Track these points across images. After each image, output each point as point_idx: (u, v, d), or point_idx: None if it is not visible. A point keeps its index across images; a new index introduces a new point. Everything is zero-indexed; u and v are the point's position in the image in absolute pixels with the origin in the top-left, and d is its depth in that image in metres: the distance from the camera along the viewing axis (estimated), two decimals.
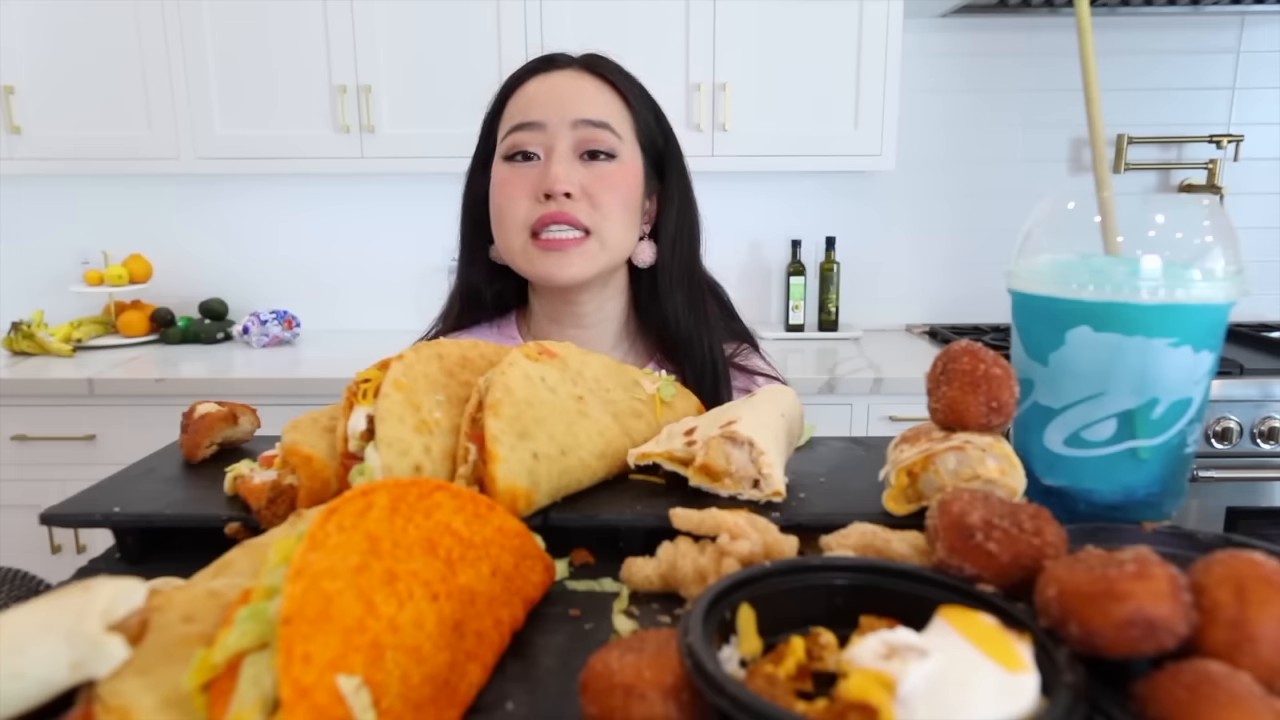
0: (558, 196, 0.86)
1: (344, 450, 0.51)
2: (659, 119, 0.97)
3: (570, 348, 0.60)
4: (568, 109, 0.88)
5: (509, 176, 0.89)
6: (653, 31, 2.06)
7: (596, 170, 0.89)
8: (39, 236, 2.47)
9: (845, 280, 2.42)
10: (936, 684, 0.28)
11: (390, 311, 2.48)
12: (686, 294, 0.96)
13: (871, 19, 2.06)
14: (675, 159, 0.97)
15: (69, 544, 1.99)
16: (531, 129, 0.88)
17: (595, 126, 0.88)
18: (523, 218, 0.88)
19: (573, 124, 0.88)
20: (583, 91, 0.90)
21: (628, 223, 0.91)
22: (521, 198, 0.88)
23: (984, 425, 0.46)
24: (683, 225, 0.97)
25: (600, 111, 0.89)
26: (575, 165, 0.88)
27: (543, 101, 0.89)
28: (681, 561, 0.44)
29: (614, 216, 0.89)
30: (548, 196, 0.86)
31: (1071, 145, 2.42)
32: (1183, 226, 0.49)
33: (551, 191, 0.86)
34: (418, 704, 0.32)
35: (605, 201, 0.88)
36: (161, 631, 0.34)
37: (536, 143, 0.88)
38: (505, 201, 0.89)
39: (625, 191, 0.90)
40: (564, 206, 0.86)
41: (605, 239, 0.89)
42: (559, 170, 0.86)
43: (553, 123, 0.88)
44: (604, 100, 0.91)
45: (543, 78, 0.91)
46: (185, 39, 2.09)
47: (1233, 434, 1.79)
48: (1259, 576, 0.31)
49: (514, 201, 0.88)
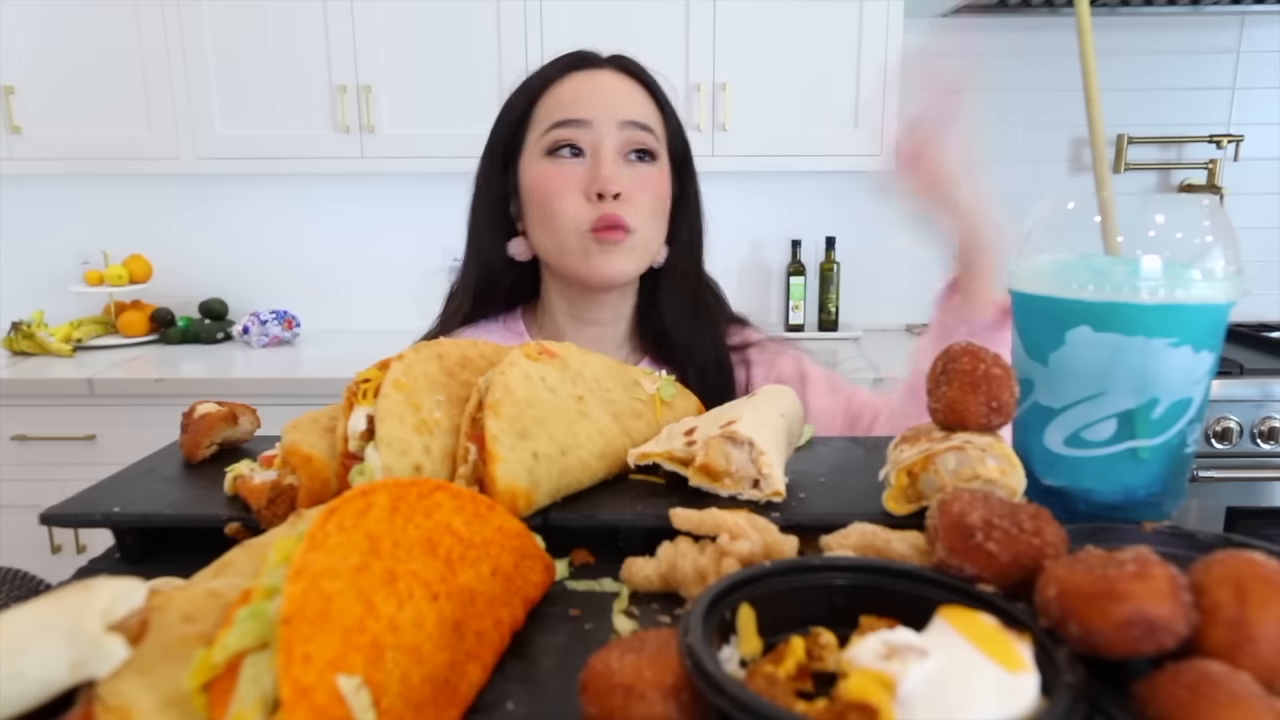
0: (609, 197, 0.87)
1: (344, 450, 0.51)
2: (682, 128, 0.98)
3: (570, 348, 0.60)
4: (615, 109, 0.88)
5: (554, 172, 0.89)
6: (653, 31, 2.06)
7: (640, 172, 0.90)
8: (39, 236, 2.47)
9: (845, 280, 2.42)
10: (936, 684, 0.28)
11: (390, 311, 2.48)
12: (691, 295, 0.97)
13: (871, 19, 2.06)
14: (691, 162, 0.99)
15: (69, 544, 1.99)
16: (578, 126, 0.88)
17: (640, 129, 0.89)
18: (578, 216, 0.87)
19: (620, 124, 0.88)
20: (626, 93, 0.91)
21: (661, 225, 0.93)
22: (572, 195, 0.88)
23: (984, 425, 0.46)
24: (695, 228, 0.98)
25: (644, 114, 0.91)
26: (622, 165, 0.89)
27: (587, 98, 0.89)
28: (681, 561, 0.44)
29: (651, 220, 0.91)
30: (600, 196, 0.87)
31: (1071, 145, 2.41)
32: (1183, 226, 0.49)
33: (604, 191, 0.86)
34: (418, 704, 0.32)
35: (644, 204, 0.89)
36: (161, 631, 0.34)
37: (583, 139, 0.88)
38: (555, 198, 0.88)
39: (661, 195, 0.92)
40: (615, 208, 0.87)
41: (642, 240, 0.90)
42: (609, 171, 0.87)
43: (599, 121, 0.88)
44: (645, 103, 0.92)
45: (584, 75, 0.91)
46: (185, 39, 2.09)
47: (1233, 434, 1.78)
48: (1259, 576, 0.31)
49: (564, 198, 0.88)
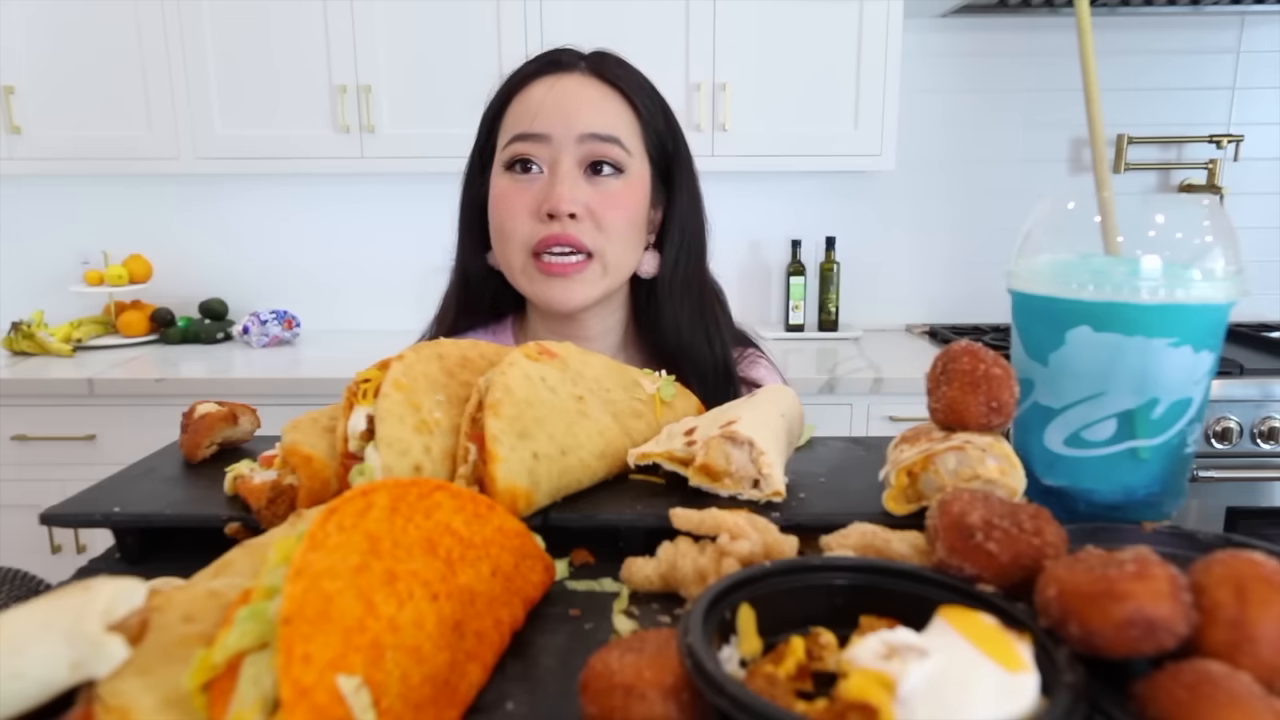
0: (561, 217, 0.82)
1: (344, 450, 0.51)
2: (669, 122, 0.91)
3: (570, 348, 0.60)
4: (574, 121, 0.83)
5: (510, 189, 0.85)
6: (653, 31, 2.06)
7: (603, 188, 0.85)
8: (39, 236, 2.47)
9: (845, 280, 2.42)
10: (936, 684, 0.28)
11: (390, 311, 2.48)
12: (691, 303, 0.92)
13: (871, 19, 2.06)
14: (684, 164, 0.92)
15: (69, 544, 1.99)
16: (535, 140, 0.84)
17: (603, 141, 0.84)
18: (524, 236, 0.84)
19: (579, 138, 0.83)
20: (591, 100, 0.85)
21: (632, 242, 0.88)
22: (523, 214, 0.84)
23: (984, 425, 0.46)
24: (689, 233, 0.92)
25: (609, 124, 0.85)
26: (580, 182, 0.84)
27: (548, 111, 0.84)
28: (681, 561, 0.44)
29: (618, 238, 0.85)
30: (551, 216, 0.82)
31: (1071, 145, 2.42)
32: (1183, 226, 0.49)
33: (555, 212, 0.82)
34: (418, 704, 0.32)
35: (610, 222, 0.84)
36: (161, 631, 0.34)
37: (540, 155, 0.84)
38: (506, 217, 0.85)
39: (631, 210, 0.86)
40: (567, 228, 0.82)
41: (608, 262, 0.85)
42: (563, 190, 0.82)
43: (558, 135, 0.83)
44: (613, 110, 0.86)
45: (549, 82, 0.86)
46: (185, 39, 2.09)
47: (1233, 434, 1.78)
48: (1259, 576, 0.31)
49: (515, 218, 0.84)
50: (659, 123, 0.90)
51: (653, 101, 0.90)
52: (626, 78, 0.89)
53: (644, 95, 0.89)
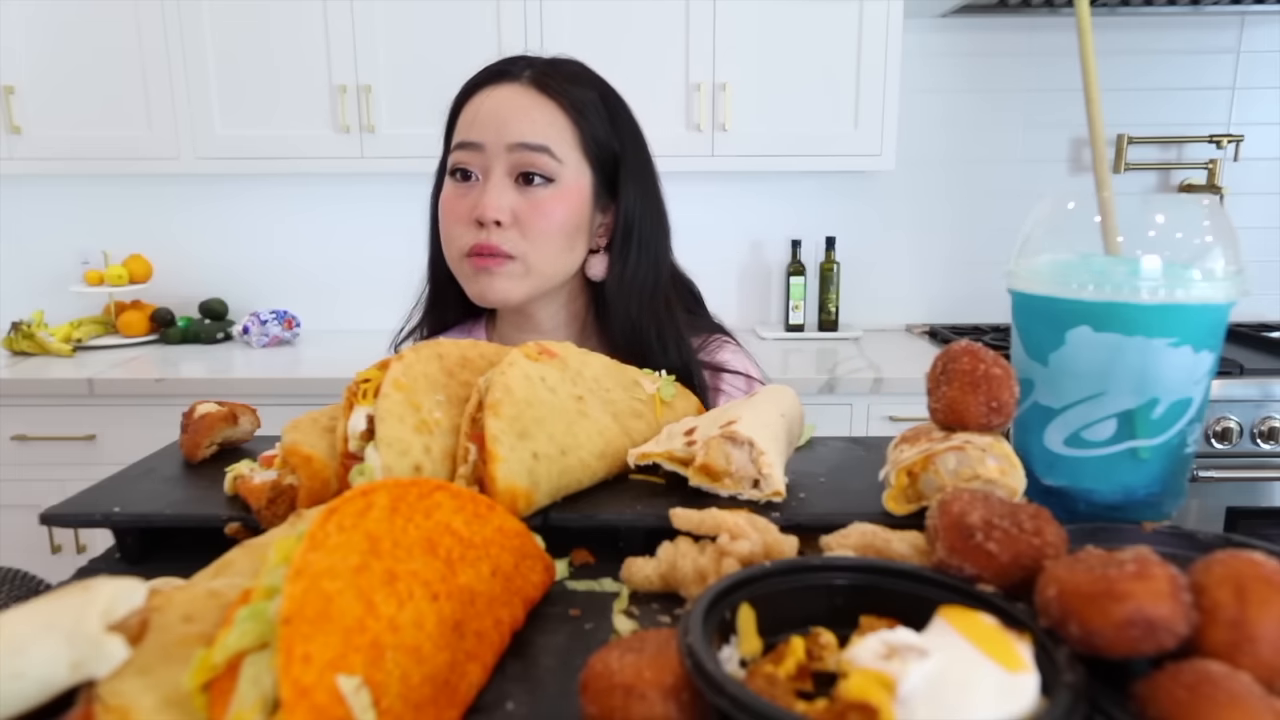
0: (488, 225, 0.86)
1: (344, 450, 0.51)
2: (617, 126, 0.92)
3: (570, 347, 0.60)
4: (505, 131, 0.87)
5: (450, 196, 0.90)
6: (653, 31, 2.06)
7: (531, 196, 0.87)
8: (39, 236, 2.47)
9: (845, 280, 2.42)
10: (936, 684, 0.28)
11: (390, 311, 2.45)
12: (641, 304, 0.92)
13: (871, 19, 2.06)
14: (633, 165, 0.93)
15: (69, 544, 1.99)
16: (471, 149, 0.88)
17: (532, 150, 0.87)
18: (461, 242, 0.89)
19: (509, 147, 0.87)
20: (522, 110, 0.88)
21: (561, 247, 0.90)
22: (459, 222, 0.89)
23: (984, 425, 0.46)
24: (639, 237, 0.93)
25: (539, 134, 0.87)
26: (508, 190, 0.87)
27: (484, 121, 0.88)
28: (681, 561, 0.44)
29: (543, 243, 0.88)
30: (480, 223, 0.87)
31: (1071, 145, 2.42)
32: (1183, 226, 0.49)
33: (482, 219, 0.86)
34: (418, 704, 0.32)
35: (536, 229, 0.87)
36: (161, 631, 0.34)
37: (475, 163, 0.88)
38: (446, 223, 0.91)
39: (558, 217, 0.88)
40: (492, 235, 0.86)
41: (531, 265, 0.88)
42: (489, 199, 0.86)
43: (490, 144, 0.87)
44: (546, 120, 0.88)
45: (489, 93, 0.90)
46: (185, 39, 2.09)
47: (1233, 434, 1.78)
48: (1259, 576, 0.31)
49: (453, 224, 0.89)
50: (601, 129, 0.91)
51: (595, 106, 0.91)
52: (569, 82, 0.90)
53: (584, 100, 0.90)
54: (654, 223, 0.95)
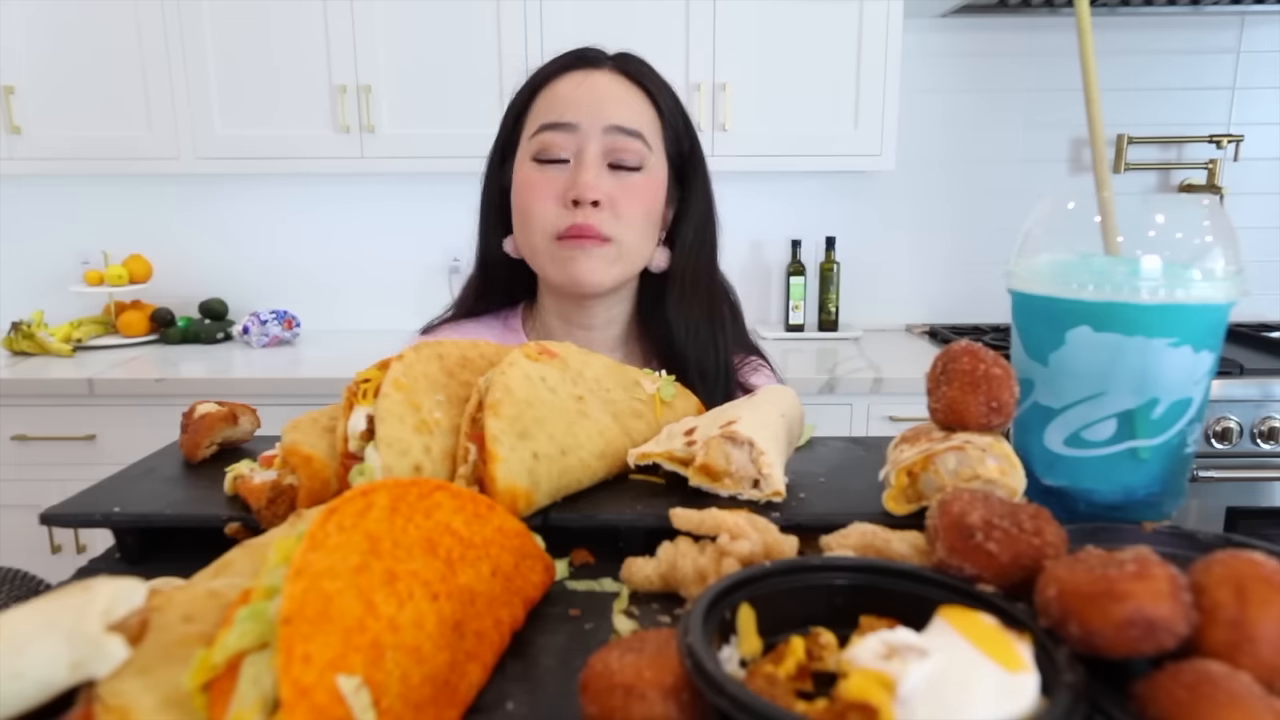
0: (585, 204, 0.85)
1: (344, 450, 0.51)
2: (686, 123, 0.94)
3: (570, 348, 0.60)
4: (602, 113, 0.86)
5: (536, 178, 0.88)
6: (653, 31, 2.06)
7: (623, 181, 0.87)
8: (39, 236, 2.47)
9: (845, 280, 2.42)
10: (936, 684, 0.28)
11: (390, 311, 2.48)
12: (698, 301, 0.94)
13: (871, 19, 2.06)
14: (699, 164, 0.96)
15: (69, 544, 1.99)
16: (563, 130, 0.86)
17: (628, 135, 0.87)
18: (549, 223, 0.87)
19: (605, 129, 0.86)
20: (618, 96, 0.88)
21: (648, 234, 0.91)
22: (548, 201, 0.87)
23: (984, 425, 0.46)
24: (701, 233, 0.95)
25: (634, 119, 0.88)
26: (604, 173, 0.87)
27: (577, 102, 0.87)
28: (681, 561, 0.44)
29: (635, 227, 0.88)
30: (575, 203, 0.85)
31: (1071, 145, 2.42)
32: (1183, 226, 0.49)
33: (580, 198, 0.85)
34: (418, 704, 0.32)
35: (628, 212, 0.87)
36: (161, 631, 0.34)
37: (567, 146, 0.87)
38: (532, 203, 0.88)
39: (648, 202, 0.89)
40: (589, 216, 0.85)
41: (624, 248, 0.88)
42: (588, 178, 0.85)
43: (585, 125, 0.86)
44: (638, 107, 0.89)
45: (578, 76, 0.89)
46: (185, 39, 2.09)
47: (1233, 434, 1.78)
48: (1259, 576, 0.31)
49: (541, 204, 0.87)
50: (678, 123, 0.93)
51: (674, 102, 0.93)
52: (651, 77, 0.92)
53: (665, 94, 0.92)
54: (712, 221, 0.98)
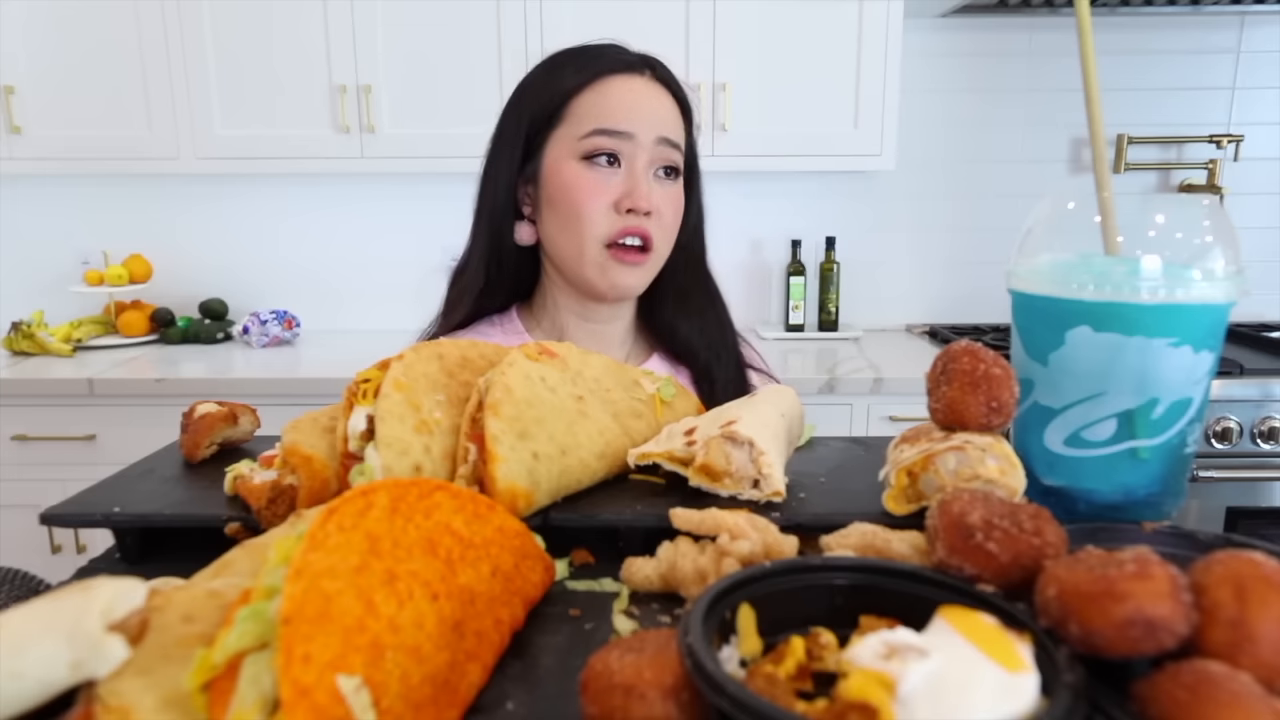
0: (640, 213, 0.88)
1: (344, 450, 0.51)
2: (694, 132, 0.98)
3: (570, 348, 0.60)
4: (656, 124, 0.89)
5: (590, 179, 0.88)
6: (653, 31, 2.06)
7: (667, 189, 0.92)
8: (39, 236, 2.47)
9: (845, 280, 2.42)
10: (936, 684, 0.28)
11: (390, 311, 2.48)
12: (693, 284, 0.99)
13: (871, 19, 2.06)
14: (697, 162, 0.99)
15: (69, 544, 1.99)
16: (620, 137, 0.88)
17: (672, 146, 0.91)
18: (601, 228, 0.88)
19: (657, 140, 0.89)
20: (665, 106, 0.91)
21: (674, 238, 0.95)
22: (602, 205, 0.88)
23: (984, 425, 0.46)
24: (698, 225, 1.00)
25: (677, 131, 0.92)
26: (653, 181, 0.90)
27: (631, 110, 0.88)
28: (681, 561, 0.44)
29: (670, 234, 0.93)
30: (630, 211, 0.88)
31: (1071, 145, 2.41)
32: (1183, 226, 0.49)
33: (637, 208, 0.88)
34: (418, 704, 0.32)
35: (669, 221, 0.92)
36: (161, 631, 0.34)
37: (622, 150, 0.88)
38: (585, 205, 0.88)
39: (679, 210, 0.94)
40: (643, 223, 0.89)
41: (659, 255, 0.93)
42: (645, 189, 0.88)
43: (641, 135, 0.88)
44: (677, 117, 0.93)
45: (629, 81, 0.90)
46: (185, 39, 2.09)
47: (1233, 434, 1.78)
48: (1259, 576, 0.31)
49: (594, 207, 0.88)
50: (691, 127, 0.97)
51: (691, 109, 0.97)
52: (679, 84, 0.95)
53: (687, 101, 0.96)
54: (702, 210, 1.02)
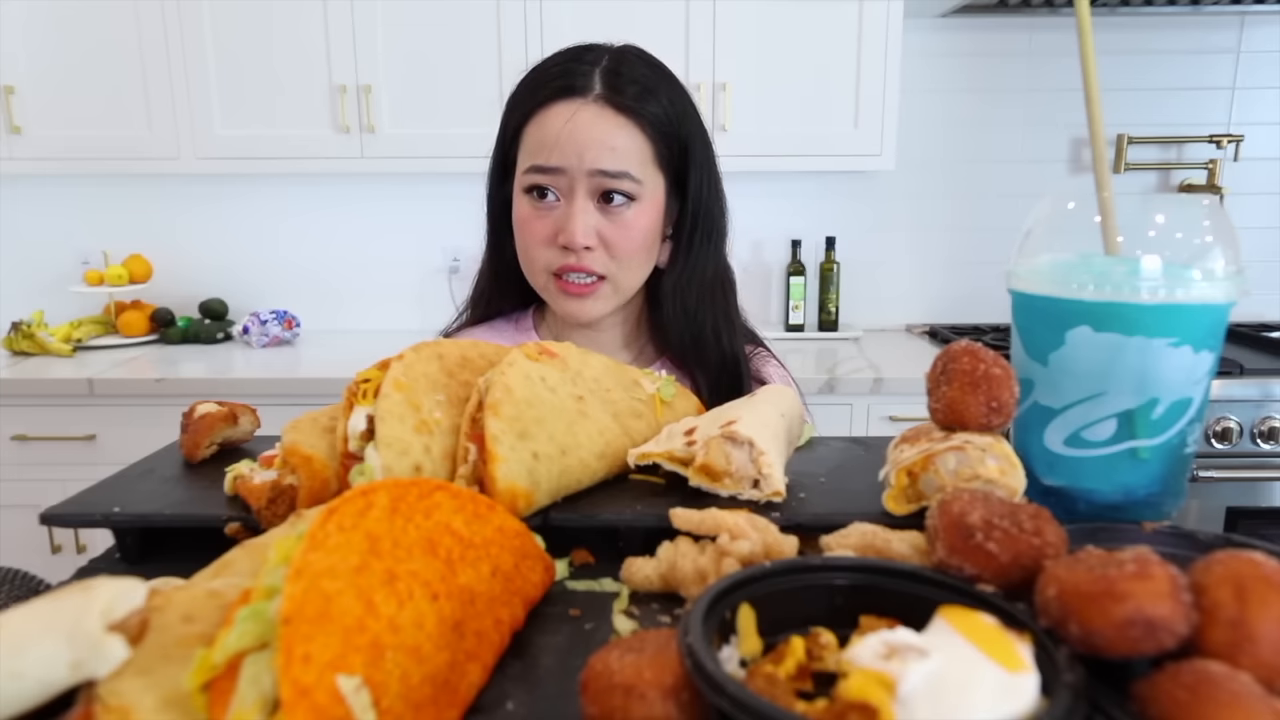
0: (577, 250, 0.87)
1: (344, 450, 0.51)
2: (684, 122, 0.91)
3: (570, 348, 0.60)
4: (586, 157, 0.85)
5: (530, 215, 0.89)
6: (653, 31, 2.06)
7: (615, 217, 0.88)
8: (39, 236, 2.47)
9: (845, 280, 2.42)
10: (936, 684, 0.28)
11: (390, 311, 2.48)
12: (702, 294, 0.94)
13: (871, 19, 2.06)
14: (700, 158, 0.93)
15: (69, 544, 1.99)
16: (552, 173, 0.87)
17: (613, 177, 0.86)
18: (545, 262, 0.90)
19: (589, 173, 0.86)
20: (602, 137, 0.86)
21: (645, 260, 0.92)
22: (543, 244, 0.89)
23: (984, 425, 0.46)
24: (704, 226, 0.94)
25: (619, 160, 0.86)
26: (592, 212, 0.87)
27: (563, 146, 0.86)
28: (681, 561, 0.44)
29: (629, 263, 0.90)
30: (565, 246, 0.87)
31: (1071, 145, 2.42)
32: (1183, 226, 0.49)
33: (570, 245, 0.86)
34: (418, 704, 0.32)
35: (622, 250, 0.88)
36: (161, 631, 0.34)
37: (556, 184, 0.88)
38: (529, 243, 0.90)
39: (641, 234, 0.89)
40: (582, 259, 0.87)
41: (619, 284, 0.91)
42: (577, 225, 0.86)
43: (572, 168, 0.86)
44: (624, 142, 0.87)
45: (566, 109, 0.86)
46: (185, 39, 2.09)
47: (1233, 434, 1.78)
48: (1259, 576, 0.31)
49: (536, 246, 0.89)
50: (671, 133, 0.90)
51: (667, 114, 0.90)
52: (641, 104, 0.88)
53: (659, 116, 0.89)
54: (718, 210, 0.96)
